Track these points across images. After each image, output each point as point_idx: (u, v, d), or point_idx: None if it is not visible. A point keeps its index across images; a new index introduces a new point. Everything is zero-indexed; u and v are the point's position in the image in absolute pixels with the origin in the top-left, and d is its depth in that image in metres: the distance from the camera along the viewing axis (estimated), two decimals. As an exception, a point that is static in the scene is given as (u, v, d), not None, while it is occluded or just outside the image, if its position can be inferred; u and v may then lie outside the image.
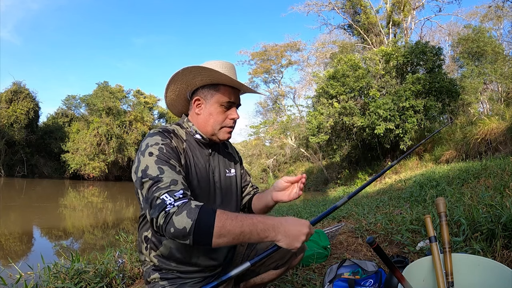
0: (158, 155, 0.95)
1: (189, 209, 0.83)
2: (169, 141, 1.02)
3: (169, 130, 1.08)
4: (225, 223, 0.82)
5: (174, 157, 0.99)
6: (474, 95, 14.89)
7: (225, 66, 1.12)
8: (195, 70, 1.07)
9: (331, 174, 19.57)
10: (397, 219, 2.73)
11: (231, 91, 1.11)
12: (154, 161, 0.94)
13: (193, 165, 1.10)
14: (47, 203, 11.95)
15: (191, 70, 1.07)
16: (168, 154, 0.98)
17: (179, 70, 1.08)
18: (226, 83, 1.10)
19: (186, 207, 0.84)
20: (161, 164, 0.93)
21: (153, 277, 1.12)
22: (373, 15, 17.65)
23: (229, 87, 1.11)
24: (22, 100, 22.76)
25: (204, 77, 1.09)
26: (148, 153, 0.96)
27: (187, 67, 1.06)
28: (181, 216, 0.82)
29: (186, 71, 1.08)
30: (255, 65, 27.34)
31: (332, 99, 13.10)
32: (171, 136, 1.06)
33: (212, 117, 1.11)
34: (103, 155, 24.99)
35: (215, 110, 1.11)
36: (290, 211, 5.08)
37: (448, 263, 1.03)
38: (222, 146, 1.28)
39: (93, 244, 5.89)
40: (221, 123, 1.12)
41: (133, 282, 1.91)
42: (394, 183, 8.22)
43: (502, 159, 5.57)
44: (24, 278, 1.86)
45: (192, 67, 1.06)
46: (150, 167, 0.93)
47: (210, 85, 1.12)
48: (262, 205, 1.25)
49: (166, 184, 0.89)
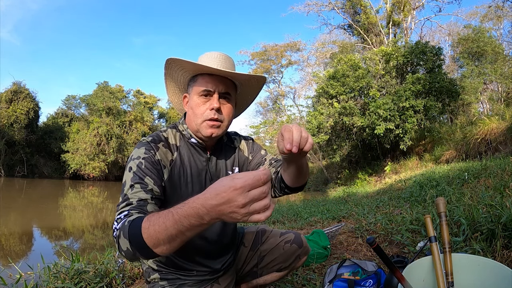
0: (135, 171, 0.93)
1: (123, 228, 0.75)
2: (152, 154, 0.97)
3: (160, 139, 1.03)
4: (149, 232, 0.68)
5: (152, 174, 0.94)
6: (474, 95, 14.89)
7: (207, 56, 1.05)
8: (170, 64, 1.03)
9: (331, 174, 19.56)
10: (397, 219, 2.73)
11: (209, 79, 1.01)
12: (130, 178, 0.92)
13: (185, 175, 1.05)
14: (47, 203, 11.95)
15: (168, 64, 1.04)
16: (146, 170, 0.93)
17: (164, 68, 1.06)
18: (200, 71, 1.03)
19: (123, 227, 0.76)
20: (134, 181, 0.91)
21: (153, 277, 1.12)
22: (373, 15, 17.66)
23: (207, 75, 1.02)
24: (22, 100, 22.78)
25: (182, 71, 1.05)
26: (129, 167, 0.95)
27: (165, 60, 1.02)
28: (121, 239, 0.75)
29: (167, 67, 1.05)
30: (255, 65, 27.34)
31: (332, 99, 13.10)
32: (159, 146, 1.00)
33: (193, 111, 1.03)
34: (103, 155, 25.00)
35: (194, 102, 1.03)
36: (290, 211, 5.07)
37: (448, 263, 1.03)
38: (227, 142, 1.19)
39: (93, 244, 5.89)
40: (200, 115, 1.02)
41: (133, 282, 1.91)
42: (394, 183, 8.22)
43: (502, 159, 5.57)
44: (24, 278, 1.85)
45: (167, 60, 1.02)
46: (126, 183, 0.91)
47: (191, 78, 1.06)
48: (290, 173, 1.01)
49: (124, 204, 0.85)
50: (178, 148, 1.07)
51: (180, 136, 1.09)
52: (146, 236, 0.69)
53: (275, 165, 1.14)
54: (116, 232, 0.78)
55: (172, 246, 0.69)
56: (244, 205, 0.58)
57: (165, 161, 1.01)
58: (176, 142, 1.07)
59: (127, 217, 0.79)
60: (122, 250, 0.75)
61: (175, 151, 1.06)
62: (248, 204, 0.58)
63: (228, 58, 1.07)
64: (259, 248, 1.28)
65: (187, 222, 0.64)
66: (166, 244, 0.68)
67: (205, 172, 1.09)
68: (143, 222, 0.71)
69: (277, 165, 1.14)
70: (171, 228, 0.65)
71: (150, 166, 0.95)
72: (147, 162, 0.95)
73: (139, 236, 0.70)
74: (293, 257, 1.25)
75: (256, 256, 1.27)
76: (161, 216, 0.68)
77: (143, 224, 0.70)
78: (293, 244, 1.25)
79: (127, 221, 0.76)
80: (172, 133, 1.08)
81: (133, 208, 0.83)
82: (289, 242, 1.26)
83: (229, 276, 1.21)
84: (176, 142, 1.07)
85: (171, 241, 0.67)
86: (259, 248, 1.28)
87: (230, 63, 1.07)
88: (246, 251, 1.29)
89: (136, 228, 0.71)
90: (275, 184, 1.11)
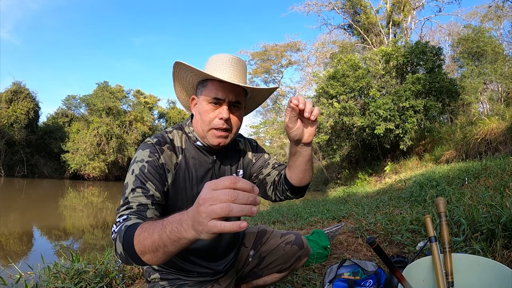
0: (138, 175, 0.92)
1: (120, 232, 0.77)
2: (156, 158, 0.96)
3: (165, 141, 1.01)
4: (139, 238, 0.68)
5: (154, 178, 0.93)
6: (474, 95, 14.90)
7: (218, 59, 1.01)
8: (181, 66, 1.01)
9: (331, 174, 19.57)
10: (397, 219, 2.73)
11: (219, 86, 0.97)
12: (132, 181, 0.92)
13: (190, 178, 1.04)
14: (47, 203, 11.95)
15: (179, 66, 1.01)
16: (148, 175, 0.93)
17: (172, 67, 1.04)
18: (210, 77, 0.98)
19: (119, 231, 0.77)
20: (136, 185, 0.91)
21: (153, 277, 1.12)
22: (373, 15, 17.66)
23: (218, 82, 0.98)
24: (22, 100, 22.78)
25: (192, 74, 1.02)
26: (132, 169, 0.94)
27: (175, 62, 1.00)
28: (117, 242, 0.76)
29: (177, 68, 1.03)
30: (255, 65, 27.37)
31: (332, 99, 13.10)
32: (163, 149, 0.99)
33: (201, 116, 1.00)
34: (103, 155, 25.00)
35: (203, 108, 1.00)
36: (290, 211, 5.08)
37: (448, 263, 1.03)
38: (232, 144, 1.16)
39: (93, 244, 5.89)
40: (208, 123, 0.99)
41: (133, 282, 1.91)
42: (394, 183, 8.22)
43: (502, 159, 5.57)
44: (24, 278, 1.86)
45: (177, 62, 0.99)
46: (128, 185, 0.92)
47: (201, 82, 1.03)
48: (297, 167, 1.01)
49: (124, 207, 0.87)
50: (184, 150, 1.05)
51: (186, 138, 1.07)
52: (136, 242, 0.69)
53: (278, 168, 1.14)
54: (114, 235, 0.79)
55: (156, 256, 0.67)
56: (203, 200, 0.54)
57: (169, 165, 1.00)
58: (182, 144, 1.06)
59: (125, 221, 0.80)
60: (117, 254, 0.76)
61: (180, 154, 1.04)
62: (207, 201, 0.54)
63: (240, 62, 1.03)
64: (259, 249, 1.27)
65: (169, 228, 0.62)
66: (150, 253, 0.67)
67: (210, 175, 1.08)
68: (137, 229, 0.71)
69: (280, 169, 1.14)
70: (156, 235, 0.65)
71: (153, 171, 0.94)
72: (151, 166, 0.94)
73: (131, 242, 0.70)
74: (293, 258, 1.25)
75: (257, 256, 1.27)
76: (153, 224, 0.68)
77: (136, 231, 0.71)
78: (293, 245, 1.25)
79: (124, 226, 0.77)
80: (178, 134, 1.07)
81: (132, 213, 0.84)
82: (289, 243, 1.25)
83: (230, 277, 1.21)
84: (182, 145, 1.05)
85: (155, 251, 0.66)
86: (260, 248, 1.27)
87: (243, 67, 1.04)
88: (246, 251, 1.29)
89: (130, 233, 0.72)
90: (278, 186, 1.11)
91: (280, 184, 1.09)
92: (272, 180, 1.14)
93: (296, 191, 1.08)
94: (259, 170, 1.17)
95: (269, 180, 1.14)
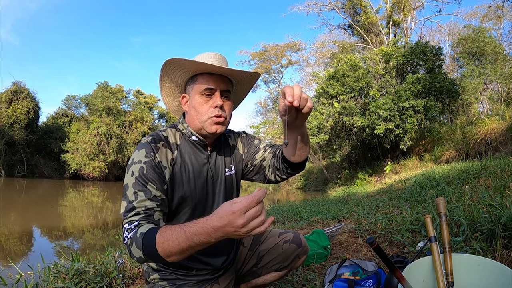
0: (137, 177, 0.96)
1: (136, 239, 0.85)
2: (152, 158, 0.99)
3: (160, 139, 1.05)
4: (163, 246, 0.80)
5: (153, 178, 0.97)
6: (474, 95, 14.89)
7: (203, 56, 1.07)
8: (169, 65, 1.04)
9: (331, 174, 19.55)
10: (397, 219, 2.73)
11: (210, 78, 1.04)
12: (132, 184, 0.95)
13: (186, 172, 1.06)
14: (47, 203, 11.95)
15: (166, 65, 1.04)
16: (148, 176, 0.96)
17: (161, 69, 1.07)
18: (200, 71, 1.05)
19: (134, 238, 0.85)
20: (137, 188, 0.95)
21: (152, 277, 1.12)
22: (373, 15, 17.66)
23: (207, 74, 1.04)
24: (22, 100, 22.77)
25: (181, 72, 1.07)
26: (131, 171, 0.97)
27: (164, 61, 1.03)
28: (133, 248, 0.85)
29: (164, 68, 1.06)
30: (255, 65, 27.35)
31: (332, 99, 13.09)
32: (158, 147, 1.02)
33: (196, 109, 1.05)
34: (103, 155, 24.99)
35: (197, 101, 1.05)
36: (290, 211, 5.07)
37: (448, 263, 1.03)
38: (224, 140, 1.21)
39: (93, 244, 5.89)
40: (205, 113, 1.04)
41: (133, 282, 1.91)
42: (394, 183, 8.22)
43: (502, 159, 5.57)
44: (24, 278, 1.86)
45: (166, 61, 1.03)
46: (129, 188, 0.95)
47: (190, 79, 1.08)
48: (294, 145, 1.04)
49: (132, 213, 0.92)
50: (179, 146, 1.08)
51: (180, 135, 1.11)
52: (160, 250, 0.80)
53: (270, 150, 1.18)
54: (127, 241, 0.88)
55: (183, 256, 0.81)
56: (243, 225, 0.70)
57: (165, 162, 1.02)
58: (176, 140, 1.09)
59: (138, 227, 0.88)
60: (134, 257, 0.87)
61: (175, 150, 1.07)
62: (247, 223, 0.70)
63: (223, 58, 1.10)
64: (257, 248, 1.28)
65: (197, 239, 0.76)
66: (177, 255, 0.80)
67: (206, 169, 1.11)
68: (157, 238, 0.81)
69: (273, 150, 1.17)
70: (183, 244, 0.78)
71: (152, 171, 0.98)
72: (149, 167, 0.98)
73: (153, 249, 0.81)
74: (292, 257, 1.25)
75: (255, 255, 1.27)
76: (174, 233, 0.79)
77: (157, 240, 0.81)
78: (292, 244, 1.25)
79: (139, 234, 0.85)
80: (171, 132, 1.10)
81: (141, 218, 0.91)
82: (288, 242, 1.26)
83: (229, 276, 1.21)
84: (176, 141, 1.09)
85: (182, 253, 0.80)
86: (258, 248, 1.28)
87: (226, 62, 1.10)
88: (245, 251, 1.29)
89: (150, 241, 0.82)
90: (278, 166, 1.14)
91: (279, 164, 1.13)
92: (269, 163, 1.17)
93: (296, 166, 1.11)
94: (252, 157, 1.21)
95: (266, 164, 1.18)
